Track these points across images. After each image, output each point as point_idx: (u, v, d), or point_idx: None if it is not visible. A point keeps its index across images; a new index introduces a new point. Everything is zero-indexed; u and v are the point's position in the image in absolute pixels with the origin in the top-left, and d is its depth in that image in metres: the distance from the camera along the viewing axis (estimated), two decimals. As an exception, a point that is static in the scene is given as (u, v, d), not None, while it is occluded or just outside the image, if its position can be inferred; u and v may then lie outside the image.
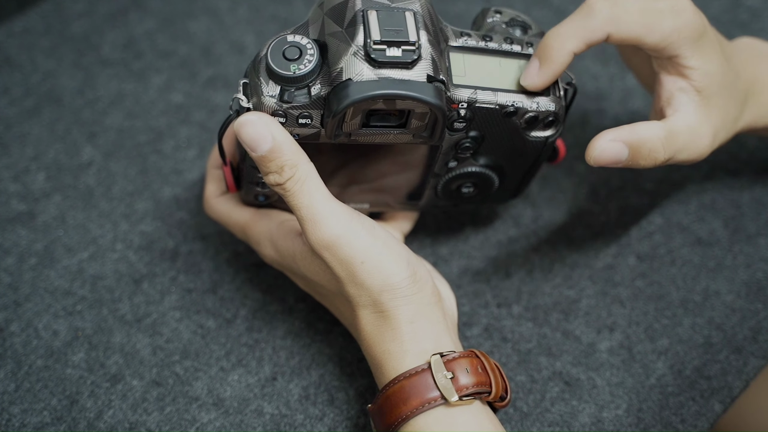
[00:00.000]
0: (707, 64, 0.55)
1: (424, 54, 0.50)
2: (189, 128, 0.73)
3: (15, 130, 0.72)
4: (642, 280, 0.66)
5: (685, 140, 0.55)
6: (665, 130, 0.55)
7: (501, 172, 0.59)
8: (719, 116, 0.56)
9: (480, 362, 0.53)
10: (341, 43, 0.50)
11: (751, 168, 0.71)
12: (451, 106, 0.53)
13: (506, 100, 0.54)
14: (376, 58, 0.49)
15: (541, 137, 0.56)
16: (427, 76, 0.50)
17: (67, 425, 0.59)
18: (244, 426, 0.59)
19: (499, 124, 0.55)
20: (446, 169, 0.58)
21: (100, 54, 0.77)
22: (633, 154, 0.54)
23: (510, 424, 0.60)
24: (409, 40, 0.49)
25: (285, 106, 0.51)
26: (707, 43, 0.55)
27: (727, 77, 0.57)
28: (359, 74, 0.49)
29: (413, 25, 0.50)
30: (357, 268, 0.52)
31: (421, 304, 0.53)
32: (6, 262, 0.66)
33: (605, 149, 0.54)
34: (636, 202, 0.69)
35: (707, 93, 0.55)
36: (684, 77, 0.55)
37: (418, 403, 0.51)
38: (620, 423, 0.60)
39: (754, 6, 0.80)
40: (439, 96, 0.50)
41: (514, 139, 0.56)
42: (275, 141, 0.51)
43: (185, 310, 0.64)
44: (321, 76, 0.51)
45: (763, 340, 0.64)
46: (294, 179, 0.51)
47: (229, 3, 0.80)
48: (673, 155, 0.55)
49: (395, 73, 0.50)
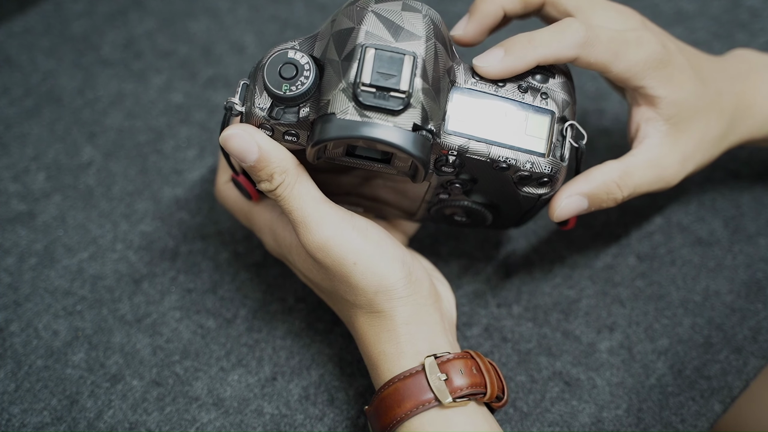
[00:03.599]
0: (675, 93, 0.56)
1: (413, 102, 0.48)
2: (189, 128, 0.73)
3: (15, 130, 0.72)
4: (642, 280, 0.66)
5: (645, 174, 0.56)
6: (620, 170, 0.56)
7: (496, 210, 0.58)
8: (692, 140, 0.57)
9: (475, 363, 0.53)
10: (335, 75, 0.49)
11: (751, 168, 0.71)
12: (441, 152, 0.51)
13: (499, 155, 0.51)
14: (362, 101, 0.48)
15: (533, 194, 0.54)
16: (414, 124, 0.48)
17: (67, 425, 0.59)
18: (244, 426, 0.59)
19: (490, 174, 0.53)
20: (438, 199, 0.57)
21: (100, 54, 0.77)
22: (592, 201, 0.56)
23: (510, 424, 0.60)
24: (400, 88, 0.48)
25: (272, 122, 0.51)
26: (675, 71, 0.56)
27: (702, 99, 0.57)
28: (344, 111, 0.48)
29: (408, 72, 0.48)
30: (350, 269, 0.52)
31: (418, 305, 0.53)
32: (6, 262, 0.66)
33: (565, 206, 0.56)
34: (636, 202, 0.69)
35: (676, 120, 0.56)
36: (652, 106, 0.56)
37: (412, 405, 0.51)
38: (620, 423, 0.60)
39: (754, 6, 0.80)
40: (422, 147, 0.49)
41: (507, 188, 0.54)
42: (261, 150, 0.51)
43: (185, 310, 0.64)
44: (312, 100, 0.50)
45: (763, 340, 0.64)
46: (284, 185, 0.52)
47: (229, 3, 0.80)
48: (632, 191, 0.57)
49: (380, 117, 0.48)
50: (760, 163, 0.71)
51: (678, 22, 0.77)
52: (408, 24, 0.49)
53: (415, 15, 0.49)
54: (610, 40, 0.54)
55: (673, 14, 0.78)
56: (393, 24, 0.49)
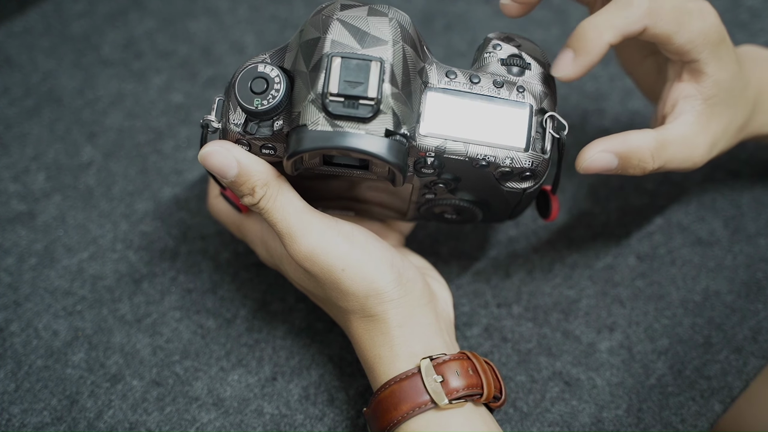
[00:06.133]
0: (721, 72, 0.55)
1: (384, 108, 0.48)
2: (189, 128, 0.73)
3: (15, 130, 0.72)
4: (642, 280, 0.66)
5: (678, 150, 0.55)
6: (657, 140, 0.54)
7: (485, 206, 0.57)
8: (720, 126, 0.56)
9: (471, 364, 0.53)
10: (303, 86, 0.49)
11: (751, 168, 0.71)
12: (419, 154, 0.51)
13: (477, 153, 0.51)
14: (332, 111, 0.48)
15: (517, 188, 0.53)
16: (386, 130, 0.48)
17: (67, 425, 0.59)
18: (244, 426, 0.60)
19: (471, 172, 0.52)
20: (425, 199, 0.57)
21: (100, 54, 0.77)
22: (622, 163, 0.54)
23: (510, 424, 0.60)
24: (368, 95, 0.48)
25: (248, 137, 0.51)
26: (725, 50, 0.55)
27: (737, 85, 0.56)
28: (315, 123, 0.48)
29: (376, 79, 0.48)
30: (338, 275, 0.52)
31: (410, 307, 0.53)
32: (6, 262, 0.66)
33: (595, 159, 0.54)
34: (636, 202, 0.69)
35: (713, 102, 0.55)
36: (695, 83, 0.55)
37: (408, 407, 0.51)
38: (620, 423, 0.60)
39: (754, 6, 0.80)
40: (396, 152, 0.48)
41: (491, 184, 0.54)
42: (240, 165, 0.51)
43: (185, 310, 0.64)
44: (284, 112, 0.50)
45: (763, 340, 0.64)
46: (266, 198, 0.52)
47: (229, 3, 0.80)
48: (663, 164, 0.55)
49: (352, 126, 0.48)
50: (760, 163, 0.71)
51: (678, 22, 0.77)
52: (374, 29, 0.49)
53: (381, 19, 0.49)
54: (674, 9, 0.52)
55: (673, 14, 0.78)
56: (359, 30, 0.49)
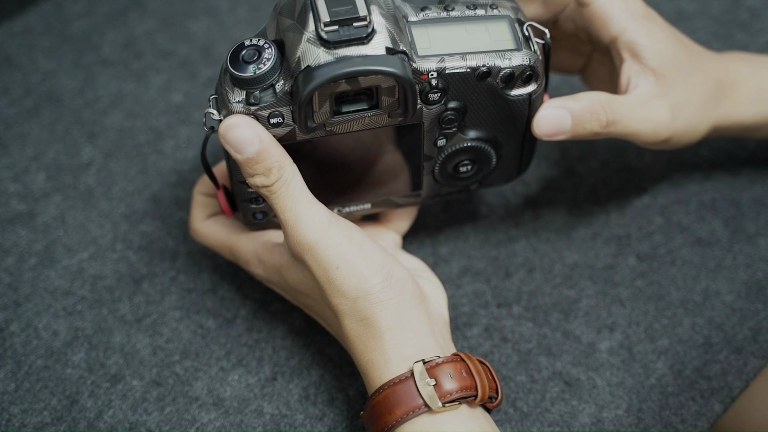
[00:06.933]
0: (657, 44, 0.58)
1: (378, 27, 0.50)
2: (189, 128, 0.73)
3: (15, 130, 0.72)
4: (642, 280, 0.66)
5: (633, 109, 0.57)
6: (608, 96, 0.57)
7: (496, 144, 0.58)
8: (680, 94, 0.58)
9: (465, 366, 0.53)
10: (295, 34, 0.50)
11: (751, 168, 0.71)
12: (421, 78, 0.52)
13: (477, 62, 0.53)
14: (329, 39, 0.49)
15: (523, 94, 0.55)
16: (386, 48, 0.50)
17: (67, 425, 0.59)
18: (244, 426, 0.60)
19: (476, 90, 0.54)
20: (437, 150, 0.57)
21: (100, 54, 0.77)
22: (576, 119, 0.56)
23: (510, 424, 0.60)
24: (359, 15, 0.49)
25: (253, 109, 0.51)
26: (657, 27, 0.58)
27: (685, 61, 0.59)
28: (316, 59, 0.49)
29: (362, 1, 0.49)
30: (333, 273, 0.52)
31: (401, 309, 0.53)
32: (6, 262, 0.66)
33: (547, 115, 0.56)
34: (636, 202, 0.69)
35: (662, 71, 0.58)
36: (637, 58, 0.58)
37: (402, 412, 0.51)
38: (620, 423, 0.60)
39: (754, 6, 0.80)
40: (402, 66, 0.50)
41: (497, 102, 0.55)
42: (262, 143, 0.51)
43: (185, 310, 0.64)
44: (283, 72, 0.51)
45: (763, 340, 0.64)
46: (281, 181, 0.52)
47: (229, 3, 0.80)
48: (619, 118, 0.57)
49: (352, 50, 0.49)
50: (760, 163, 0.71)
51: (678, 22, 0.77)
52: None
53: None
54: None
55: (673, 14, 0.79)
56: None
